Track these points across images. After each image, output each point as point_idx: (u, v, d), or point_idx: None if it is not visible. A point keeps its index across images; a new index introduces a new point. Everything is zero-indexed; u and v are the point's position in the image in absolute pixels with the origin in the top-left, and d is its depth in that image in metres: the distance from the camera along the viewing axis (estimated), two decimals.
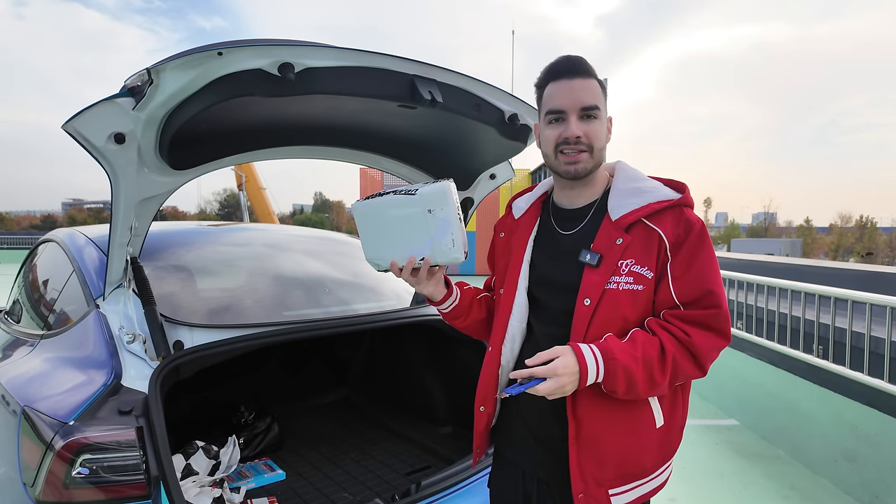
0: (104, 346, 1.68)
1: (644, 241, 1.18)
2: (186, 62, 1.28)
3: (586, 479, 1.20)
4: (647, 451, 1.22)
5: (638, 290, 1.17)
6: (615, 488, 1.21)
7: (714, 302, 1.16)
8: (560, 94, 1.21)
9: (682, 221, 1.18)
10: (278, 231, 3.30)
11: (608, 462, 1.20)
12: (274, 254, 2.63)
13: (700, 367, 1.17)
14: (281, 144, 1.89)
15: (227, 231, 2.90)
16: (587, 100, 1.20)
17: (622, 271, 1.17)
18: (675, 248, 1.17)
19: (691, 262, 1.16)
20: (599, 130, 1.22)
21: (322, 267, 2.64)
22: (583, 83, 1.20)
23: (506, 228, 1.43)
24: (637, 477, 1.23)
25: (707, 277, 1.16)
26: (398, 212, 1.31)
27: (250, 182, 25.46)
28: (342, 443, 2.67)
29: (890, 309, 3.26)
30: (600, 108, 1.21)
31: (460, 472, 1.91)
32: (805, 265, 10.01)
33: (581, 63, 1.22)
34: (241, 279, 2.29)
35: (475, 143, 1.94)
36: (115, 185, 1.57)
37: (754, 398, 4.55)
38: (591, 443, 1.19)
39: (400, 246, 1.31)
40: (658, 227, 1.18)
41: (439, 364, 2.72)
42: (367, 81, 1.47)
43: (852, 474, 3.35)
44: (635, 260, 1.17)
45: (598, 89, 1.22)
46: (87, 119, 1.39)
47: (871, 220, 64.17)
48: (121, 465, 1.38)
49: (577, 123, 1.20)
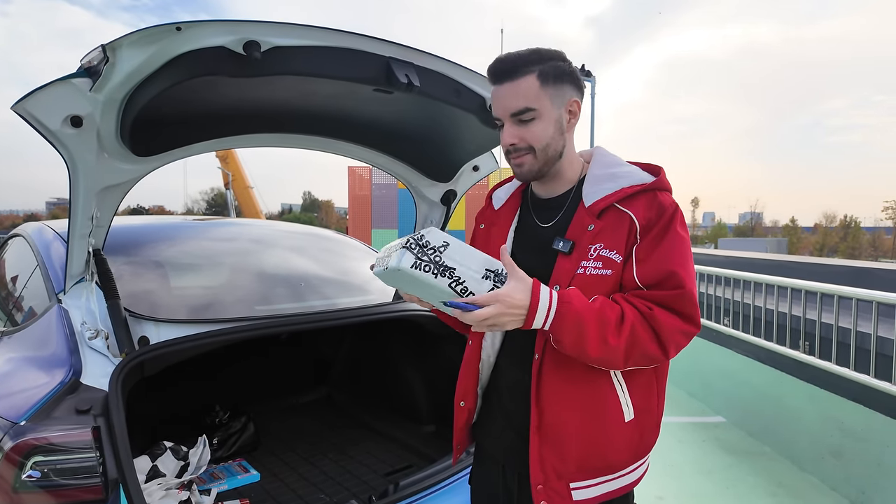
0: (64, 343, 1.59)
1: (615, 226, 1.14)
2: (143, 37, 1.22)
3: (546, 471, 1.16)
4: (613, 446, 1.17)
5: (607, 274, 1.12)
6: (577, 482, 1.16)
7: (677, 283, 1.09)
8: (493, 102, 1.19)
9: (656, 205, 1.14)
10: (255, 225, 3.22)
11: (570, 454, 1.15)
12: (250, 248, 2.56)
13: (662, 348, 1.09)
14: (252, 131, 1.81)
15: (200, 225, 2.82)
16: (515, 105, 1.14)
17: (590, 256, 1.14)
18: (644, 230, 1.13)
19: (657, 245, 1.11)
20: (537, 130, 1.16)
21: (299, 261, 2.56)
22: (510, 87, 1.14)
23: (486, 220, 1.40)
24: (602, 472, 1.18)
25: (672, 258, 1.10)
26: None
27: (237, 181, 25.27)
28: (321, 442, 2.60)
29: (876, 304, 3.25)
30: (534, 107, 1.14)
31: (440, 471, 1.86)
32: (791, 261, 10.09)
33: (506, 63, 1.15)
34: (213, 273, 2.22)
35: (456, 132, 1.88)
36: (73, 172, 1.49)
37: (741, 395, 4.54)
38: (553, 434, 1.15)
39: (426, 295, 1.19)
40: (630, 210, 1.14)
41: (422, 361, 2.66)
42: (339, 63, 1.40)
43: (839, 470, 3.34)
44: (605, 244, 1.14)
45: (532, 86, 1.13)
46: (39, 100, 1.31)
47: (854, 219, 65.19)
48: (75, 467, 1.30)
49: (509, 130, 1.17)
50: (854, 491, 3.20)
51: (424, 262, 1.02)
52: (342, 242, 2.98)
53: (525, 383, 1.21)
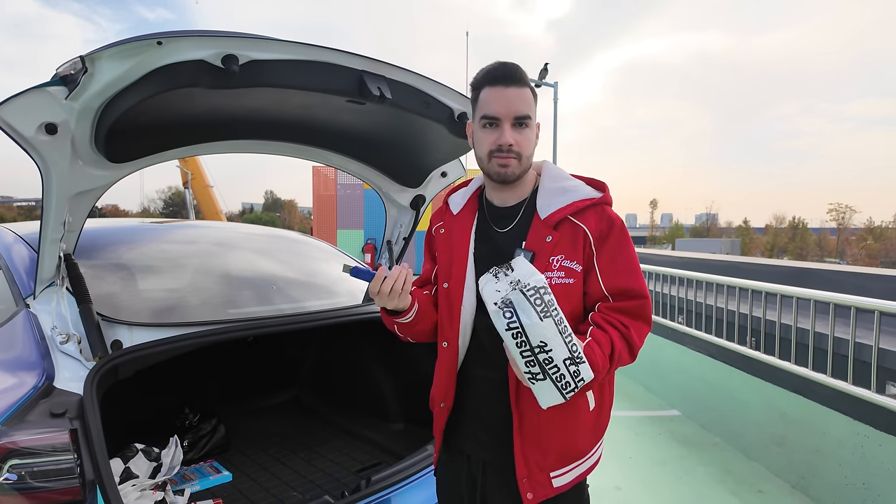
0: (34, 347, 1.59)
1: (571, 237, 1.26)
2: (124, 51, 1.24)
3: (530, 466, 1.26)
4: (582, 435, 1.30)
5: (569, 283, 1.24)
6: (556, 471, 1.28)
7: (640, 293, 1.26)
8: (496, 101, 1.25)
9: (605, 218, 1.28)
10: (225, 228, 3.22)
11: (550, 449, 1.27)
12: (220, 251, 2.56)
13: (633, 356, 1.26)
14: (226, 138, 1.85)
15: (172, 228, 2.81)
16: (521, 109, 1.24)
17: (553, 266, 1.24)
18: (598, 242, 1.26)
19: (616, 256, 1.26)
20: (529, 139, 1.28)
21: (270, 264, 2.59)
22: (518, 92, 1.25)
23: (445, 224, 1.45)
24: (574, 458, 1.30)
25: (631, 269, 1.26)
26: None
27: (196, 179, 24.61)
28: (291, 442, 2.64)
29: (814, 302, 3.49)
30: (531, 116, 1.26)
31: (410, 466, 1.92)
32: (741, 262, 10.57)
33: (517, 71, 1.26)
34: (185, 277, 2.22)
35: (426, 141, 1.96)
36: (47, 178, 1.49)
37: (694, 389, 4.77)
38: (534, 433, 1.26)
39: None
40: (582, 223, 1.27)
41: (390, 361, 2.72)
42: (314, 76, 1.46)
43: (781, 457, 3.57)
44: (565, 255, 1.25)
45: (531, 98, 1.27)
46: (14, 107, 1.32)
47: (802, 221, 68.37)
48: (53, 469, 1.31)
49: (510, 131, 1.25)
50: (795, 476, 3.43)
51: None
52: (311, 245, 3.01)
53: (493, 380, 1.30)
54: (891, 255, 54.36)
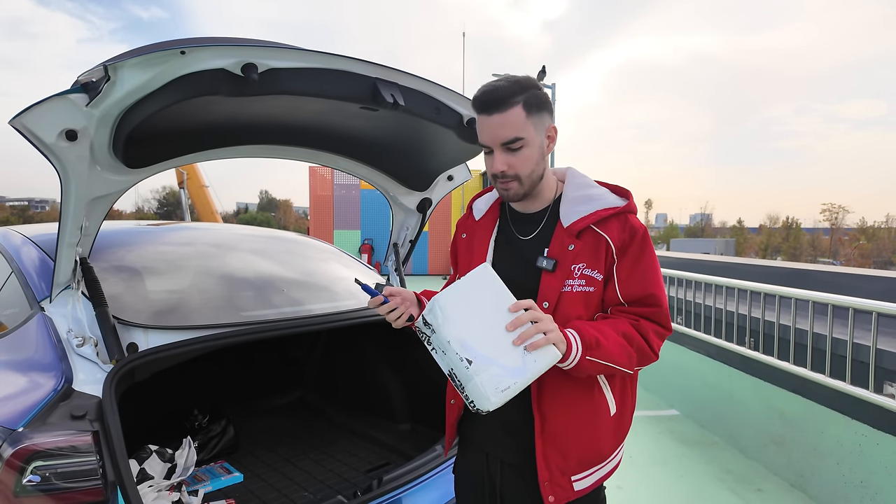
0: (51, 350, 1.61)
1: (593, 246, 1.27)
2: (147, 60, 1.26)
3: (551, 469, 1.27)
4: (603, 439, 1.31)
5: (590, 291, 1.26)
6: (577, 475, 1.30)
7: (655, 301, 1.27)
8: (482, 131, 1.25)
9: (628, 227, 1.28)
10: (233, 231, 3.23)
11: (571, 453, 1.28)
12: (230, 254, 2.58)
13: (651, 349, 1.27)
14: (240, 143, 1.87)
15: (178, 230, 2.82)
16: (506, 135, 1.22)
17: (575, 275, 1.26)
18: (620, 251, 1.27)
19: (635, 266, 1.27)
20: (526, 158, 1.24)
21: (279, 267, 2.61)
22: (500, 118, 1.21)
23: (467, 229, 1.49)
24: (595, 462, 1.32)
25: (649, 280, 1.27)
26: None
27: (192, 179, 24.49)
28: (300, 443, 2.66)
29: (812, 303, 3.54)
30: (523, 136, 1.22)
31: (420, 466, 1.95)
32: (738, 263, 10.64)
33: (496, 94, 1.21)
34: (197, 280, 2.24)
35: (434, 146, 1.99)
36: (66, 184, 1.51)
37: (694, 389, 4.81)
38: (556, 436, 1.27)
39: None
40: (605, 232, 1.27)
41: (396, 362, 2.75)
42: (330, 83, 1.48)
43: (780, 456, 3.62)
44: (586, 264, 1.26)
45: (519, 118, 1.21)
46: (37, 115, 1.34)
47: (795, 221, 68.78)
48: (75, 470, 1.34)
49: (500, 158, 1.24)
50: (794, 475, 3.48)
51: None
52: (320, 248, 3.04)
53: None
54: (883, 254, 54.80)
